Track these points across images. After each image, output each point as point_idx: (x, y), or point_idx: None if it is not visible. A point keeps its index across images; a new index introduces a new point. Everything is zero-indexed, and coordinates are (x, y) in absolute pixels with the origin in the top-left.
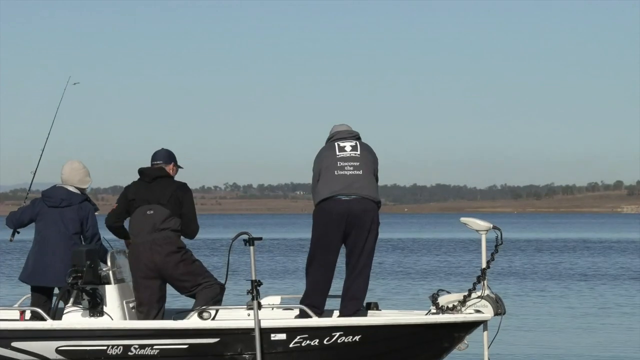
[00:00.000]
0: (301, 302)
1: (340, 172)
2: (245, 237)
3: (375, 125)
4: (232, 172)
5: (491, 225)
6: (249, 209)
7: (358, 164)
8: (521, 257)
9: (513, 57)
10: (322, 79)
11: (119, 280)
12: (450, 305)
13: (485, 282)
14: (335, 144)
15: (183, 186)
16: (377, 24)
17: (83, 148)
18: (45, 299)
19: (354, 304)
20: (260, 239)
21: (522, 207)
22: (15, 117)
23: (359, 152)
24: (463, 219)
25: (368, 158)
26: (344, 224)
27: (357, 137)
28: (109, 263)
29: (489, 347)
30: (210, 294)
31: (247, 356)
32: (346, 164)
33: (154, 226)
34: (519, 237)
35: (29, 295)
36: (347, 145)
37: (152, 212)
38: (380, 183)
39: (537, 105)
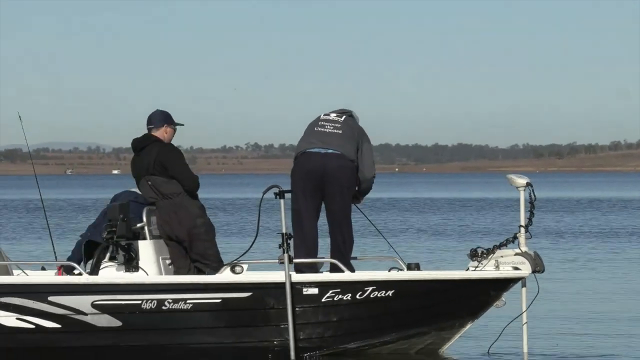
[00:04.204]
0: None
1: (320, 129)
2: (276, 190)
3: (396, 85)
4: (254, 132)
5: (527, 181)
6: (271, 169)
7: (339, 125)
8: (550, 216)
9: (538, 17)
10: (344, 37)
11: (154, 237)
12: (480, 252)
13: (523, 239)
14: (322, 114)
15: (164, 149)
16: None
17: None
18: None
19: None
20: (290, 191)
21: (544, 166)
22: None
23: (342, 119)
24: (509, 175)
25: (351, 125)
26: (319, 179)
27: (346, 112)
28: (144, 219)
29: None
30: None
31: (279, 310)
32: (327, 124)
33: (159, 194)
34: (543, 197)
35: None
36: (333, 114)
37: (150, 182)
38: (401, 143)
39: (560, 65)
